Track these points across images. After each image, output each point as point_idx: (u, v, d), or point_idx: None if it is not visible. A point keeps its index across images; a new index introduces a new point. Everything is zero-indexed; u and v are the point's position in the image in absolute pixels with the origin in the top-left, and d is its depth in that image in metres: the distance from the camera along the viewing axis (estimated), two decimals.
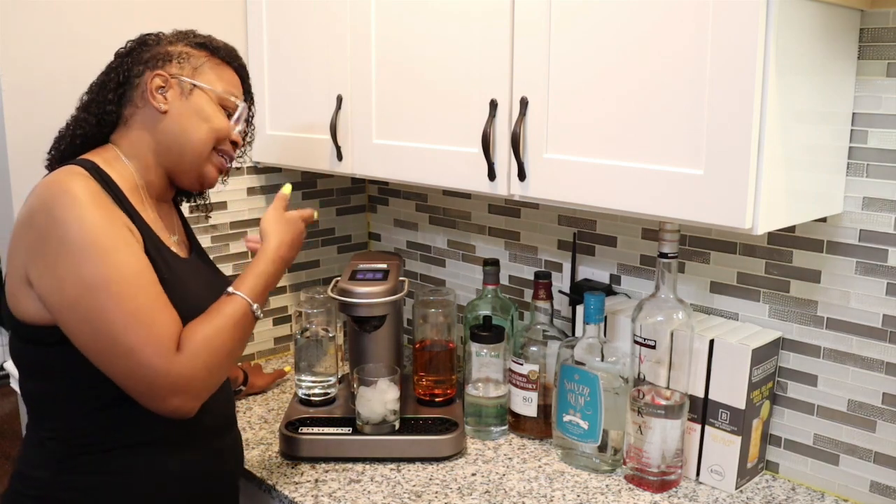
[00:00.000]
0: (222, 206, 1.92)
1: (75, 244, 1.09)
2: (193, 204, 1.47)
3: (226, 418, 1.36)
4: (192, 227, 1.46)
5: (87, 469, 1.19)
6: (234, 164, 1.40)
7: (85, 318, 1.10)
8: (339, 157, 1.67)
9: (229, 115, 1.31)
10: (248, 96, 1.39)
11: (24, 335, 1.18)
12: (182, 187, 1.33)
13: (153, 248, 1.20)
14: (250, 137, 1.42)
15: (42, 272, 1.11)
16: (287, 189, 1.38)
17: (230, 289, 1.21)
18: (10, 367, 1.80)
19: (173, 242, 1.30)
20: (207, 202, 1.47)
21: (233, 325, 1.18)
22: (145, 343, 1.09)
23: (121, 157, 1.25)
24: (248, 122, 1.39)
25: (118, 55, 1.30)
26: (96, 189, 1.14)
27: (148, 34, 1.33)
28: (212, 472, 1.30)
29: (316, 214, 1.38)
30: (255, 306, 1.20)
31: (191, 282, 1.26)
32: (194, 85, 1.28)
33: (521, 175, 1.34)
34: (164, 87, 1.26)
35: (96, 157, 1.23)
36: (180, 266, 1.26)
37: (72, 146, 1.28)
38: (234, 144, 1.34)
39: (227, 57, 1.34)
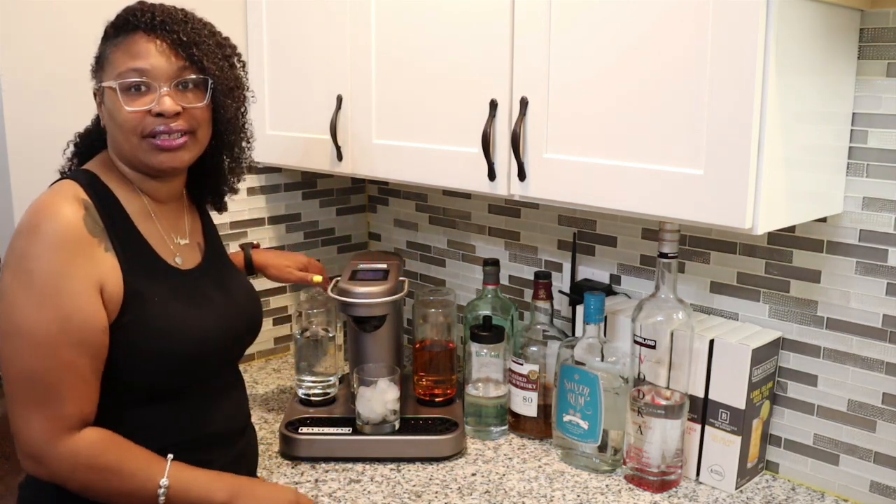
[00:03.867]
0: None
1: (18, 282, 1.09)
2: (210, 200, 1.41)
3: (237, 426, 1.33)
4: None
5: None
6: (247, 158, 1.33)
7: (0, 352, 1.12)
8: (339, 157, 1.67)
9: (138, 91, 1.16)
10: (185, 50, 1.18)
11: None
12: (159, 178, 1.25)
13: (142, 271, 1.17)
14: (218, 83, 1.21)
15: None
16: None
17: (162, 481, 1.13)
18: None
19: (178, 250, 1.26)
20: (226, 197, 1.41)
21: (127, 486, 1.13)
22: (34, 409, 1.10)
23: (115, 160, 1.24)
24: (185, 84, 1.19)
25: None
26: (75, 225, 1.12)
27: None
28: None
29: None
30: (161, 499, 1.13)
31: (186, 299, 1.22)
32: (103, 88, 1.19)
33: (521, 175, 1.34)
34: (98, 101, 1.22)
35: (99, 163, 1.23)
36: (177, 282, 1.22)
37: (99, 141, 1.28)
38: (177, 115, 1.18)
39: (129, 25, 1.18)
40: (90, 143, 1.30)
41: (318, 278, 1.50)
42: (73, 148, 1.32)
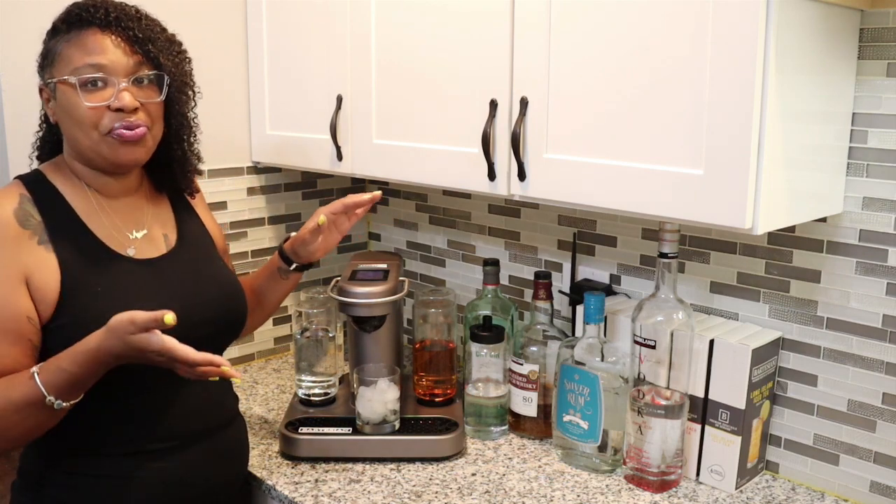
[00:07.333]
0: (222, 206, 1.92)
1: None
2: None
3: (214, 422, 1.32)
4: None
5: (72, 469, 1.21)
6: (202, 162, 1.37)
7: None
8: (339, 157, 1.67)
9: (95, 86, 1.17)
10: (141, 46, 1.20)
11: None
12: (114, 174, 1.25)
13: (86, 262, 1.18)
14: (172, 79, 1.23)
15: None
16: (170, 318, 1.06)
17: (34, 369, 1.10)
18: None
19: (132, 243, 1.25)
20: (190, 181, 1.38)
21: (15, 410, 1.10)
22: None
23: (68, 159, 1.25)
24: (141, 80, 1.20)
25: None
26: (3, 217, 1.15)
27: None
28: (189, 482, 1.28)
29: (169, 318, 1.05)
30: (49, 398, 1.09)
31: (135, 287, 1.20)
32: (55, 83, 1.18)
33: (521, 175, 1.34)
34: (46, 97, 1.22)
35: (50, 163, 1.26)
36: (127, 270, 1.21)
37: (51, 143, 1.31)
38: (135, 109, 1.19)
39: (82, 20, 1.18)
40: (49, 150, 1.31)
41: (321, 219, 1.42)
42: (36, 162, 1.33)
